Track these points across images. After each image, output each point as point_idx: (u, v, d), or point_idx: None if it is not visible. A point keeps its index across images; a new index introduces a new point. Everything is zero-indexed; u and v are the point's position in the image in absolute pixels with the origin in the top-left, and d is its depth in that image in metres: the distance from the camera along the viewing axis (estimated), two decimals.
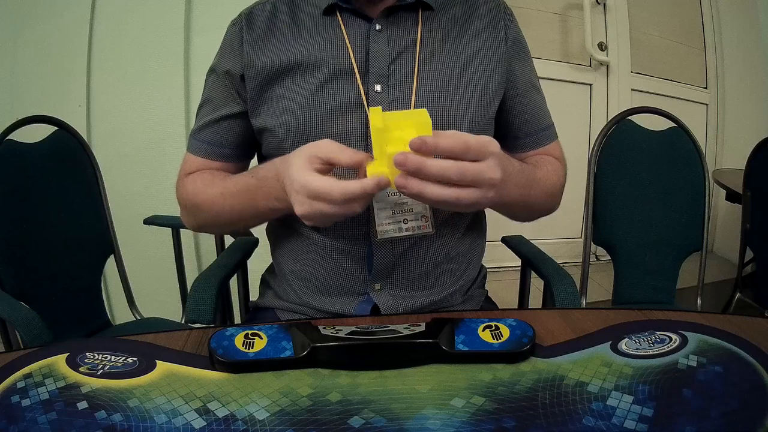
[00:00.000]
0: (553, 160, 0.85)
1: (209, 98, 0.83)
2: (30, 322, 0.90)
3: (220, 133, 0.82)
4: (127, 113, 1.76)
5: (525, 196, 0.74)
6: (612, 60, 2.64)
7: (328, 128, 0.74)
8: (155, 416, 0.48)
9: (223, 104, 0.81)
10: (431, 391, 0.52)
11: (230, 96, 0.81)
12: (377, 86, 0.75)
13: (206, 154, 0.83)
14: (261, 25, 0.79)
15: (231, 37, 0.80)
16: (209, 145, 0.82)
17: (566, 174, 0.87)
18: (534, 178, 0.76)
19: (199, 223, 0.84)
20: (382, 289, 0.80)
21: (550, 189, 0.81)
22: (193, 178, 0.82)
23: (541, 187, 0.78)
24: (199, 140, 0.83)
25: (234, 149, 0.83)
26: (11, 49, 1.67)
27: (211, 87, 0.83)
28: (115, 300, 1.66)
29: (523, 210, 0.82)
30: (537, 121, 0.85)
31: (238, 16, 0.81)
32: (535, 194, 0.77)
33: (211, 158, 0.83)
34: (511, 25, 0.82)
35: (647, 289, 1.35)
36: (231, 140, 0.82)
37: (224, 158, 0.83)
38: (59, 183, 1.19)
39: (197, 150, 0.83)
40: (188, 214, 0.84)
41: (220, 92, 0.81)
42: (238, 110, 0.81)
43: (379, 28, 0.76)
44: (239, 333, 0.59)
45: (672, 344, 0.57)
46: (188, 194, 0.81)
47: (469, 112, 0.77)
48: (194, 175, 0.82)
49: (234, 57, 0.79)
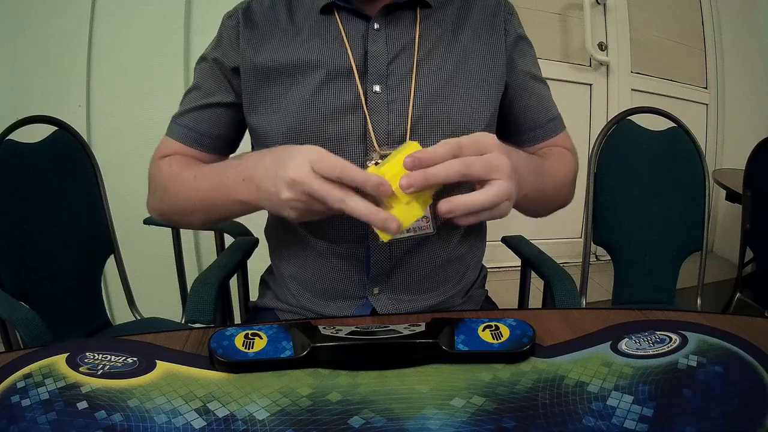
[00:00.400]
0: (562, 150, 0.84)
1: (198, 85, 0.81)
2: (30, 322, 0.90)
3: (203, 120, 0.80)
4: (127, 113, 1.76)
5: (539, 184, 0.72)
6: (612, 60, 2.64)
7: (326, 130, 0.74)
8: (155, 416, 0.48)
9: (213, 92, 0.80)
10: (431, 391, 0.52)
11: (221, 85, 0.79)
12: (376, 86, 0.74)
13: (185, 139, 0.80)
14: (259, 21, 0.78)
15: (227, 31, 0.79)
16: (189, 131, 0.80)
17: (578, 164, 0.85)
18: (543, 169, 0.75)
19: (164, 207, 0.79)
20: (380, 293, 0.79)
21: (561, 178, 0.80)
22: (169, 161, 0.79)
23: (551, 177, 0.77)
24: (180, 124, 0.81)
25: (214, 140, 0.81)
26: (11, 49, 1.67)
27: (200, 74, 0.81)
28: (115, 300, 1.66)
29: (540, 201, 0.78)
30: (542, 113, 0.84)
31: (234, 10, 0.80)
32: (548, 183, 0.76)
33: (189, 145, 0.80)
34: (510, 19, 0.81)
35: (647, 289, 1.35)
36: (213, 129, 0.80)
37: (202, 147, 0.80)
38: (59, 183, 1.19)
39: (176, 134, 0.81)
40: (155, 196, 0.80)
41: (210, 80, 0.80)
42: (228, 100, 0.79)
43: (377, 27, 0.75)
44: (239, 333, 0.59)
45: (672, 344, 0.57)
46: (162, 176, 0.78)
47: (470, 110, 0.76)
48: (171, 157, 0.80)
49: (229, 49, 0.78)
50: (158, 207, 0.80)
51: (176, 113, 0.82)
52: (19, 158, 1.12)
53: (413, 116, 0.74)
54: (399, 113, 0.74)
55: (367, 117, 0.73)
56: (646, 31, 2.72)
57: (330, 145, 0.73)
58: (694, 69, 2.85)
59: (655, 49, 2.75)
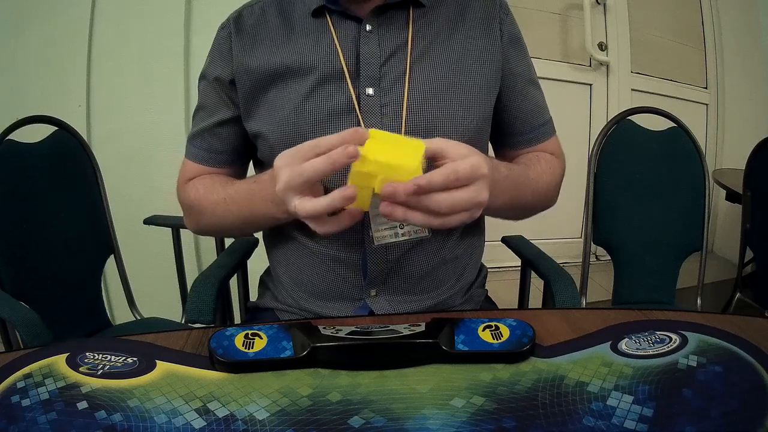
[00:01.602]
0: (548, 157, 0.84)
1: (203, 105, 0.83)
2: (30, 322, 0.90)
3: (215, 140, 0.82)
4: (127, 113, 1.76)
5: (513, 199, 0.74)
6: (612, 60, 2.64)
7: (319, 134, 0.72)
8: (155, 416, 0.48)
9: (216, 110, 0.81)
10: (431, 391, 0.52)
11: (222, 102, 0.80)
12: (369, 89, 0.73)
13: (204, 161, 0.83)
14: (250, 27, 0.78)
15: (220, 43, 0.79)
16: (206, 152, 0.82)
17: (565, 168, 0.86)
18: (525, 180, 0.76)
19: (203, 227, 0.84)
20: (378, 294, 0.79)
21: (543, 187, 0.81)
22: (194, 184, 0.82)
23: (533, 187, 0.78)
24: (196, 147, 0.83)
25: (230, 155, 0.83)
26: (11, 49, 1.67)
27: (203, 93, 0.82)
28: (115, 300, 1.66)
29: (512, 212, 0.81)
30: (535, 117, 0.84)
31: (227, 21, 0.80)
32: (525, 195, 0.76)
33: (209, 165, 0.83)
34: (506, 19, 0.80)
35: (647, 289, 1.35)
36: (227, 146, 0.82)
37: (222, 164, 0.83)
38: (59, 183, 1.19)
39: (195, 157, 0.83)
40: (191, 218, 0.84)
41: (212, 98, 0.81)
42: (231, 115, 0.80)
43: (369, 29, 0.74)
44: (239, 333, 0.59)
45: (672, 344, 0.57)
46: (191, 200, 0.81)
47: (464, 113, 0.75)
48: (195, 180, 0.82)
49: (223, 63, 0.78)
50: (196, 228, 0.85)
51: (190, 134, 0.85)
52: (19, 158, 1.12)
53: (407, 119, 0.73)
54: (393, 116, 0.74)
55: (360, 120, 0.73)
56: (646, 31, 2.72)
57: None
58: (694, 69, 2.85)
59: (655, 49, 2.75)
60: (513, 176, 0.73)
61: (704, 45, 2.84)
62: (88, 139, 1.68)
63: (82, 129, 1.47)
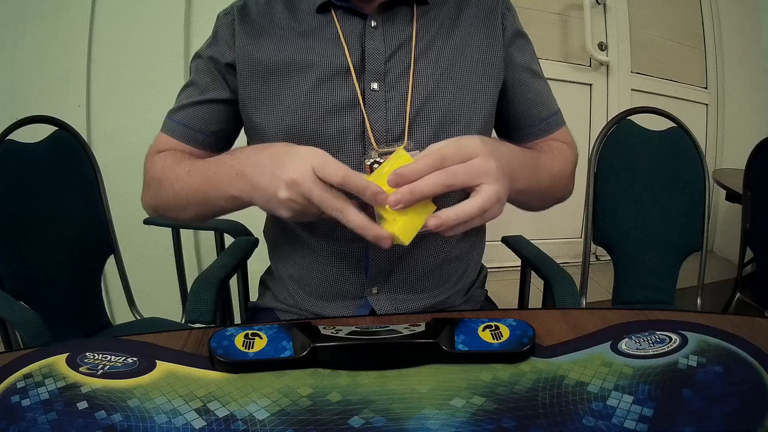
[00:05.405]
0: (558, 144, 0.83)
1: (193, 81, 0.81)
2: (30, 322, 0.90)
3: (198, 117, 0.79)
4: (127, 113, 1.76)
5: (534, 178, 0.72)
6: (612, 60, 2.64)
7: (324, 128, 0.73)
8: (155, 416, 0.48)
9: (208, 89, 0.79)
10: (431, 391, 0.52)
11: (216, 81, 0.79)
12: (374, 84, 0.74)
13: (181, 136, 0.80)
14: (256, 18, 0.78)
15: (222, 28, 0.79)
16: (185, 128, 0.80)
17: (577, 156, 0.85)
18: (539, 162, 0.75)
19: (157, 202, 0.78)
20: (379, 292, 0.79)
21: (558, 173, 0.79)
22: (164, 156, 0.78)
23: (547, 171, 0.76)
24: (176, 120, 0.80)
25: (209, 136, 0.80)
26: (11, 49, 1.67)
27: (196, 71, 0.81)
28: (115, 300, 1.66)
29: (535, 195, 0.78)
30: (541, 108, 0.83)
31: (230, 8, 0.80)
32: (544, 177, 0.75)
33: (184, 141, 0.80)
34: (508, 14, 0.81)
35: (647, 289, 1.35)
36: (209, 126, 0.80)
37: (197, 143, 0.80)
38: (59, 183, 1.19)
39: (171, 130, 0.80)
40: (149, 191, 0.79)
41: (205, 77, 0.80)
42: (223, 97, 0.79)
43: (374, 25, 0.75)
44: (239, 333, 0.59)
45: (672, 344, 0.57)
46: (156, 170, 0.77)
47: (468, 107, 0.76)
48: (165, 152, 0.79)
49: (224, 46, 0.78)
50: (152, 201, 0.80)
51: (171, 109, 0.82)
52: (19, 158, 1.12)
53: (411, 113, 0.74)
54: (397, 110, 0.74)
55: (364, 115, 0.73)
56: (646, 31, 2.72)
57: (328, 144, 0.73)
58: (694, 69, 2.85)
59: (655, 49, 2.75)
60: (526, 153, 0.72)
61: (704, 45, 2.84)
62: (88, 139, 1.68)
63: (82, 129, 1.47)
